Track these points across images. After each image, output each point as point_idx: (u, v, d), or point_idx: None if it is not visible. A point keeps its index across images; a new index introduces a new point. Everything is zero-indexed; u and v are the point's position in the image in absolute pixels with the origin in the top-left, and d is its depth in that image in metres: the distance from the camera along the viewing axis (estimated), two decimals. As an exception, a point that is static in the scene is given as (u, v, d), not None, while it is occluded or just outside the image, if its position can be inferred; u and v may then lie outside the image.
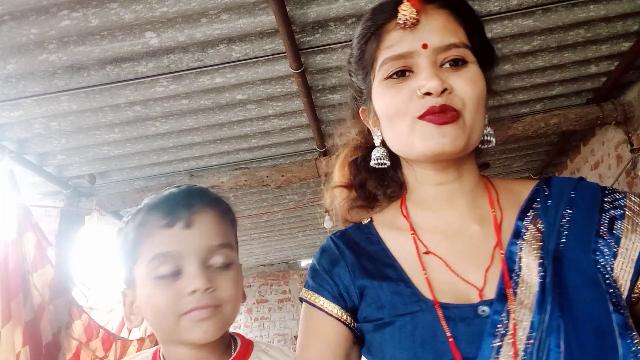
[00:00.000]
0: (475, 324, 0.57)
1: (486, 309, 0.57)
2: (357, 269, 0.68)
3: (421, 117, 0.61)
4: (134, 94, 2.20)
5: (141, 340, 2.86)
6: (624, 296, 0.56)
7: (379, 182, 0.76)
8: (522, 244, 0.61)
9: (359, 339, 0.67)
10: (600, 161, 3.12)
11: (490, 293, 0.58)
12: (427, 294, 0.61)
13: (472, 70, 0.62)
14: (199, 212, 0.71)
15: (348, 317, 0.67)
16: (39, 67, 1.95)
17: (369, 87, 0.70)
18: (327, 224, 4.02)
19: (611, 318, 0.53)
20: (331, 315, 0.67)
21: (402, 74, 0.63)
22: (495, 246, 0.62)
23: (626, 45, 2.31)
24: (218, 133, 2.66)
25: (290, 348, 5.80)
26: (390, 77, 0.64)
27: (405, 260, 0.66)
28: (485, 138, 0.66)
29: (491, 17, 2.00)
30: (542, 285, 0.56)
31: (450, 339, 0.56)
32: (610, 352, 0.51)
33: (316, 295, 0.69)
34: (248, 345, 0.77)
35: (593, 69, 2.48)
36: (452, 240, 0.65)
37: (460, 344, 0.56)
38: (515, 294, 0.57)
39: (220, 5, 1.76)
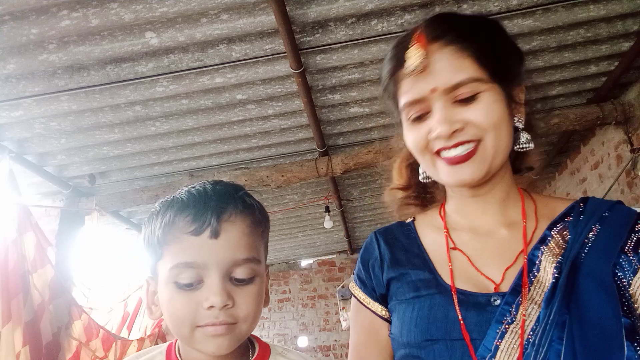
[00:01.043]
0: (486, 311, 0.63)
1: (498, 299, 0.64)
2: (389, 261, 0.76)
3: (437, 154, 0.68)
4: (134, 94, 2.20)
5: (141, 340, 2.86)
6: (638, 312, 0.58)
7: (425, 188, 0.83)
8: (545, 249, 0.66)
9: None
10: (600, 161, 3.12)
11: (506, 288, 0.65)
12: (449, 281, 0.68)
13: (485, 101, 0.65)
14: (229, 221, 0.67)
15: (384, 311, 0.75)
16: (39, 67, 1.95)
17: (399, 120, 0.76)
18: (327, 224, 4.03)
19: (620, 321, 0.56)
20: (376, 314, 0.76)
21: (420, 117, 0.69)
22: (521, 252, 0.67)
23: (626, 45, 2.31)
24: (218, 133, 2.66)
25: (290, 348, 5.80)
26: (410, 119, 0.70)
27: (434, 253, 0.74)
28: (522, 145, 0.70)
29: (491, 17, 2.00)
30: (554, 285, 0.61)
31: (461, 320, 0.64)
32: (616, 353, 0.54)
33: (360, 291, 0.79)
34: (266, 349, 0.76)
35: (593, 69, 2.48)
36: (480, 241, 0.72)
37: (469, 325, 0.63)
38: (528, 291, 0.63)
39: (220, 5, 1.77)
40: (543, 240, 0.67)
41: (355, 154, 2.83)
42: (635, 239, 0.63)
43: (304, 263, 6.13)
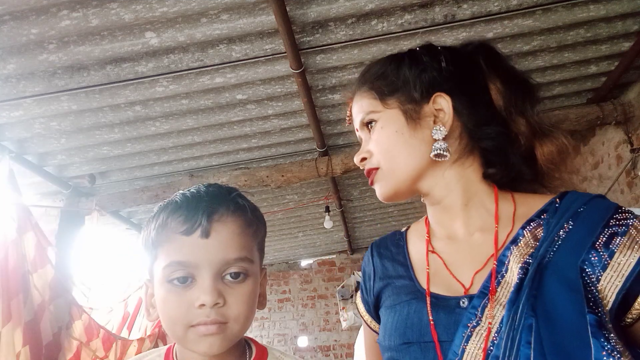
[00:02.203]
0: (455, 313, 0.65)
1: (466, 301, 0.66)
2: (380, 273, 0.81)
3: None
4: (134, 94, 2.20)
5: (141, 340, 2.86)
6: (607, 308, 0.58)
7: None
8: (514, 249, 0.66)
9: None
10: (600, 161, 3.12)
11: (475, 292, 0.66)
12: (425, 286, 0.72)
13: (375, 130, 0.76)
14: (220, 221, 0.68)
15: (371, 321, 0.83)
16: (39, 67, 1.95)
17: None
18: (327, 224, 4.03)
19: (585, 318, 0.55)
20: (369, 327, 0.83)
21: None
22: (492, 256, 0.68)
23: (626, 45, 2.31)
24: (218, 133, 2.66)
25: (290, 349, 5.81)
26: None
27: (416, 261, 0.78)
28: (435, 153, 0.72)
29: (491, 17, 2.01)
30: (518, 286, 0.61)
31: (432, 322, 0.66)
32: (584, 351, 0.54)
33: (363, 308, 0.85)
34: (263, 352, 0.76)
35: (593, 69, 2.48)
36: (454, 245, 0.74)
37: (438, 328, 0.65)
38: (495, 292, 0.64)
39: (220, 5, 1.77)
40: (514, 241, 0.67)
41: (355, 154, 2.83)
42: (608, 233, 0.61)
43: (304, 263, 6.13)
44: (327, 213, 3.96)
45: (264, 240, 0.78)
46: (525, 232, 0.67)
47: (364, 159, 0.78)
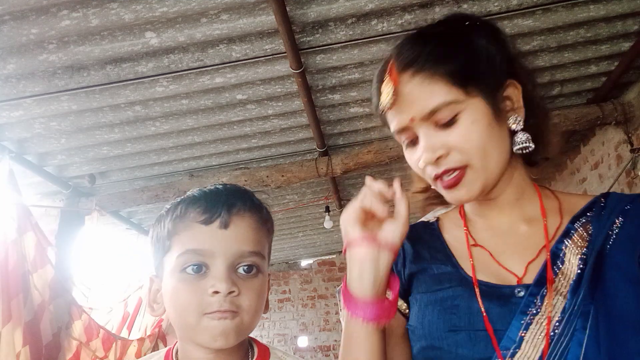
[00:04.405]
0: (510, 302, 0.63)
1: (522, 290, 0.64)
2: (411, 257, 0.76)
3: (435, 180, 0.69)
4: (134, 94, 2.20)
5: (141, 340, 2.86)
6: None
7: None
8: (569, 243, 0.66)
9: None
10: (600, 161, 3.12)
11: (529, 281, 0.65)
12: (471, 274, 0.69)
13: (464, 123, 0.65)
14: (238, 215, 0.70)
15: (404, 305, 0.75)
16: (39, 67, 1.95)
17: None
18: (327, 224, 4.03)
19: None
20: (399, 310, 0.75)
21: (413, 143, 0.70)
22: (544, 247, 0.67)
23: (626, 45, 2.31)
24: (218, 133, 2.66)
25: (290, 349, 5.80)
26: (404, 144, 0.73)
27: (456, 249, 0.74)
28: (521, 146, 0.68)
29: (491, 17, 2.00)
30: (579, 277, 0.62)
31: (483, 311, 0.64)
32: (639, 340, 0.55)
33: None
34: (265, 351, 0.77)
35: (593, 69, 2.48)
36: (501, 237, 0.72)
37: (492, 317, 0.63)
38: (553, 281, 0.63)
39: (220, 5, 1.77)
40: (567, 234, 0.67)
41: (355, 154, 2.83)
42: None
43: (304, 263, 6.13)
44: (327, 213, 3.96)
45: (271, 242, 0.79)
46: (577, 227, 0.68)
47: (439, 158, 0.66)
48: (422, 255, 0.76)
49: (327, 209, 3.95)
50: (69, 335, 2.44)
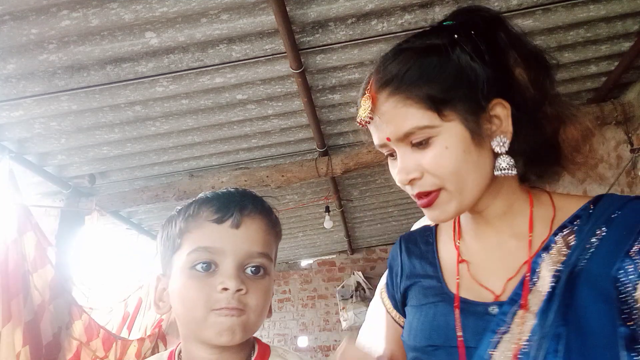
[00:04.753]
0: (484, 320, 0.64)
1: (496, 308, 0.64)
2: (408, 271, 0.79)
3: (414, 196, 0.68)
4: (134, 94, 2.20)
5: (141, 340, 2.86)
6: None
7: None
8: (546, 257, 0.64)
9: None
10: (600, 161, 3.12)
11: (506, 298, 0.65)
12: (453, 289, 0.71)
13: (437, 147, 0.63)
14: (249, 216, 0.72)
15: (398, 316, 0.81)
16: (39, 67, 1.95)
17: None
18: (327, 224, 4.03)
19: (617, 330, 0.54)
20: (392, 317, 0.82)
21: (393, 156, 0.70)
22: (525, 262, 0.66)
23: (626, 45, 2.31)
24: (218, 133, 2.66)
25: (290, 349, 5.80)
26: (386, 156, 0.73)
27: (445, 262, 0.76)
28: (500, 172, 0.65)
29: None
30: (550, 295, 0.60)
31: (458, 327, 0.65)
32: None
33: (387, 298, 0.84)
34: (265, 350, 0.78)
35: (593, 69, 2.48)
36: (488, 252, 0.72)
37: (466, 333, 0.65)
38: (527, 300, 0.62)
39: (220, 5, 1.77)
40: (547, 248, 0.65)
41: (355, 154, 2.83)
42: None
43: (304, 263, 6.13)
44: (327, 213, 3.96)
45: (278, 246, 0.81)
46: (557, 239, 0.64)
47: (414, 179, 0.66)
48: (416, 268, 0.79)
49: (327, 209, 3.95)
50: (69, 335, 2.44)
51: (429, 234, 0.82)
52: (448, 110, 0.62)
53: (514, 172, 0.65)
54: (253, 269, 0.71)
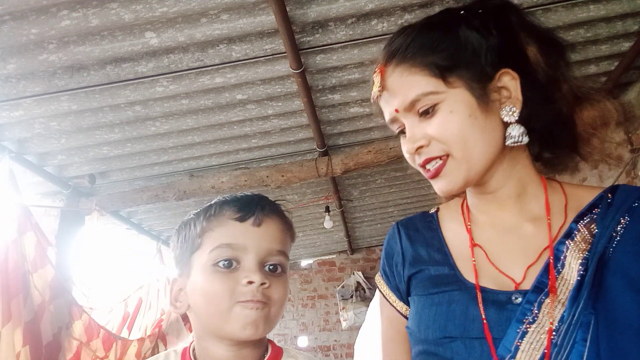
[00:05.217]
0: (507, 309, 0.61)
1: (520, 297, 0.62)
2: (410, 258, 0.75)
3: (421, 167, 0.69)
4: (134, 94, 2.20)
5: (141, 340, 2.86)
6: None
7: None
8: (571, 244, 0.63)
9: None
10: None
11: (527, 286, 0.62)
12: (469, 277, 0.67)
13: (441, 113, 0.64)
14: (269, 216, 0.76)
15: (406, 309, 0.75)
16: (39, 67, 1.95)
17: None
18: (327, 224, 4.03)
19: None
20: (400, 313, 0.76)
21: (403, 132, 0.70)
22: (546, 248, 0.65)
23: (626, 45, 2.31)
24: (218, 133, 2.66)
25: (290, 348, 5.80)
26: (397, 133, 0.73)
27: (455, 248, 0.72)
28: (513, 140, 0.65)
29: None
30: (579, 283, 0.59)
31: (484, 318, 0.62)
32: None
33: (385, 286, 0.78)
34: (278, 351, 0.79)
35: (593, 69, 2.48)
36: (502, 237, 0.69)
37: (489, 324, 0.61)
38: (555, 288, 0.61)
39: (220, 5, 1.77)
40: (569, 235, 0.64)
41: (355, 154, 2.83)
42: None
43: (304, 263, 6.13)
44: (327, 213, 3.96)
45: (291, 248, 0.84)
46: (580, 227, 0.64)
47: (420, 147, 0.66)
48: (420, 254, 0.74)
49: (327, 209, 3.95)
50: (69, 335, 2.44)
51: (431, 219, 0.78)
52: (453, 77, 0.64)
53: (526, 139, 0.65)
54: (272, 266, 0.74)
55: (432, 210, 0.81)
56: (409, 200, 4.23)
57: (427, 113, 0.65)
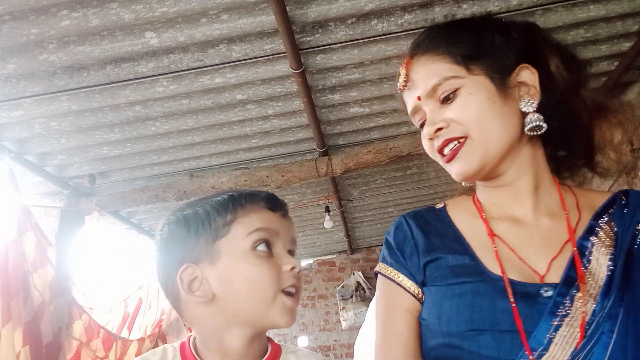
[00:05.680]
0: (537, 302, 0.61)
1: (550, 290, 0.62)
2: (424, 246, 0.73)
3: (440, 153, 0.71)
4: (134, 94, 2.20)
5: (141, 340, 2.86)
6: None
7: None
8: (595, 240, 0.65)
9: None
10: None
11: (552, 279, 0.63)
12: (492, 269, 0.66)
13: (462, 96, 0.68)
14: (288, 210, 0.80)
15: (420, 293, 0.71)
16: (39, 67, 1.95)
17: None
18: (327, 224, 4.03)
19: None
20: (408, 292, 0.72)
21: (423, 124, 0.73)
22: (567, 241, 0.66)
23: (626, 45, 2.31)
24: (218, 133, 2.66)
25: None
26: (419, 127, 0.76)
27: (473, 239, 0.71)
28: (531, 125, 0.68)
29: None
30: (610, 278, 0.60)
31: (514, 305, 0.61)
32: None
33: (395, 271, 0.74)
34: (277, 348, 0.79)
35: (593, 69, 2.48)
36: (521, 229, 0.70)
37: (520, 317, 0.61)
38: (584, 280, 0.61)
39: (220, 5, 1.77)
40: (591, 231, 0.66)
41: (355, 154, 2.83)
42: None
43: (304, 263, 6.13)
44: (327, 213, 3.96)
45: None
46: (601, 224, 0.66)
47: (439, 129, 0.69)
48: (434, 243, 0.72)
49: (327, 209, 3.95)
50: (69, 335, 2.44)
51: (440, 213, 0.78)
52: (474, 65, 0.68)
53: (544, 126, 0.67)
54: (291, 253, 0.77)
55: (439, 206, 0.80)
56: (409, 200, 4.23)
57: (447, 99, 0.68)
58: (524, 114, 0.69)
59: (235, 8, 1.81)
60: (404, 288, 0.72)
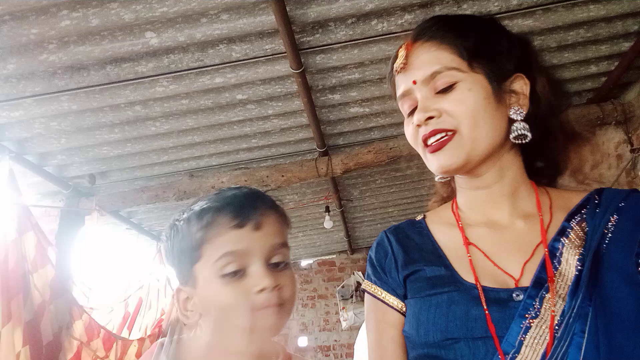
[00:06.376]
0: (508, 307, 0.62)
1: (521, 294, 0.63)
2: (403, 261, 0.75)
3: (424, 142, 0.71)
4: (134, 94, 2.20)
5: (141, 340, 2.86)
6: None
7: (443, 185, 0.86)
8: (566, 241, 0.66)
9: None
10: (600, 161, 3.12)
11: (526, 282, 0.64)
12: (467, 277, 0.67)
13: (460, 90, 0.68)
14: (265, 215, 0.74)
15: (404, 307, 0.73)
16: (39, 67, 1.95)
17: None
18: (327, 224, 4.03)
19: None
20: (392, 307, 0.74)
21: (412, 111, 0.73)
22: (539, 244, 0.67)
23: (626, 45, 2.31)
24: (218, 133, 2.66)
25: (290, 348, 5.80)
26: (406, 115, 0.75)
27: (448, 250, 0.73)
28: (517, 133, 0.69)
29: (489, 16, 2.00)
30: (578, 278, 0.61)
31: (487, 312, 0.62)
32: (638, 345, 0.54)
33: (379, 288, 0.76)
34: (288, 358, 0.79)
35: (593, 69, 2.48)
36: (496, 234, 0.71)
37: (492, 323, 0.62)
38: (554, 281, 0.62)
39: (220, 5, 1.77)
40: (562, 232, 0.67)
41: (355, 154, 2.83)
42: None
43: (304, 263, 6.13)
44: (327, 213, 3.96)
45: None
46: (572, 225, 0.67)
47: (430, 118, 0.69)
48: (413, 257, 0.74)
49: (327, 209, 3.95)
50: (69, 335, 2.44)
51: (419, 226, 0.79)
52: (477, 63, 0.69)
53: (529, 135, 0.69)
54: (278, 261, 0.73)
55: (419, 218, 0.82)
56: (409, 200, 4.23)
57: (444, 90, 0.68)
58: (511, 121, 0.70)
59: (235, 8, 1.81)
60: (388, 304, 0.74)
